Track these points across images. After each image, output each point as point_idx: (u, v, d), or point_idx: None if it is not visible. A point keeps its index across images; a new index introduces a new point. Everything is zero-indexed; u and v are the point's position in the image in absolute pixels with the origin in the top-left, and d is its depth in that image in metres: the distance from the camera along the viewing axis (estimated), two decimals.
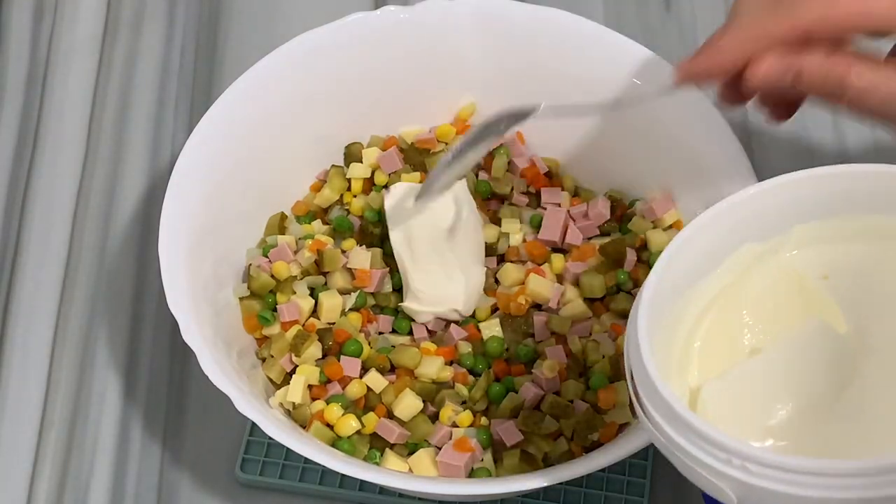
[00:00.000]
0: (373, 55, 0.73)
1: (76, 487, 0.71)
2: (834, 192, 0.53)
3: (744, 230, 0.53)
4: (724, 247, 0.53)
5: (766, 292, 0.54)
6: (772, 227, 0.54)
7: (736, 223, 0.53)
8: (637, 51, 0.71)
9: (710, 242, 0.53)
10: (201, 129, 0.69)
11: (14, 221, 0.81)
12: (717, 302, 0.54)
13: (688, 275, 0.53)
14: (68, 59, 0.87)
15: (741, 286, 0.54)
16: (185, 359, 0.75)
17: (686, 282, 0.53)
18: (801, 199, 0.53)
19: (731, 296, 0.54)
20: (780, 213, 0.53)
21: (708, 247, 0.53)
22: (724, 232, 0.53)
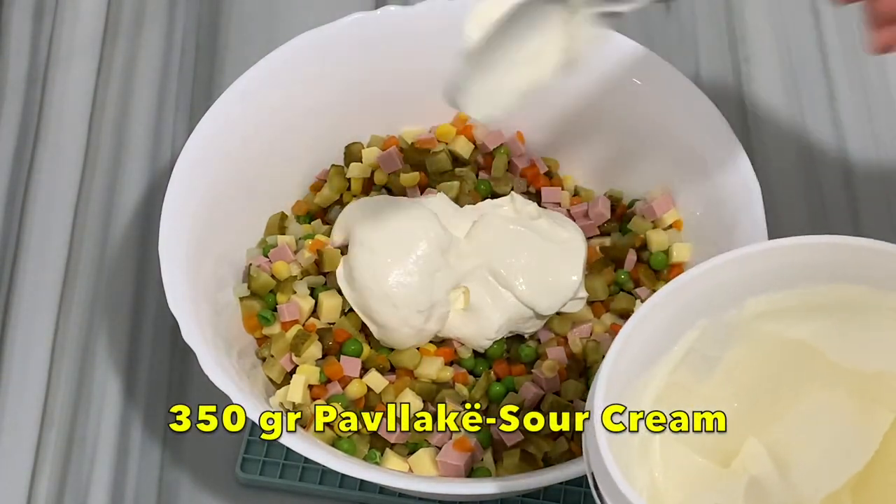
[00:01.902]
0: (373, 55, 0.73)
1: (76, 487, 0.71)
2: (784, 264, 0.52)
3: (698, 307, 0.53)
4: (680, 324, 0.53)
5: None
6: (725, 301, 0.53)
7: (690, 300, 0.52)
8: (637, 51, 0.71)
9: (664, 321, 0.52)
10: (201, 129, 0.69)
11: (14, 221, 0.81)
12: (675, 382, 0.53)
13: (644, 356, 0.52)
14: (68, 60, 0.87)
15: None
16: (185, 359, 0.75)
17: (643, 363, 0.52)
18: (754, 273, 0.53)
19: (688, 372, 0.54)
20: (734, 287, 0.53)
21: (663, 326, 0.52)
22: (679, 309, 0.52)
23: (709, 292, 0.52)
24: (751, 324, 0.54)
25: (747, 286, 0.53)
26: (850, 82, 0.85)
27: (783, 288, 0.53)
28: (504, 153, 0.74)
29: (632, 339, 0.50)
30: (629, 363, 0.50)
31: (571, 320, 0.69)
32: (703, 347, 0.53)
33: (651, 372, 0.52)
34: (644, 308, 0.51)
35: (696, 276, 0.51)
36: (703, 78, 0.85)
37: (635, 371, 0.51)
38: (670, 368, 0.53)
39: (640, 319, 0.50)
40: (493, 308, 0.68)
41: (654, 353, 0.52)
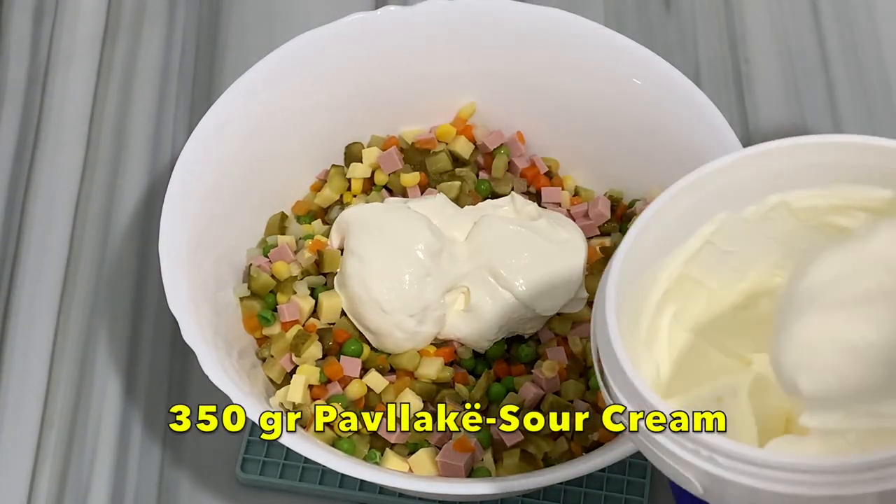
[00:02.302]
0: (373, 55, 0.73)
1: (76, 487, 0.71)
2: (811, 162, 0.52)
3: (719, 199, 0.52)
4: (698, 216, 0.52)
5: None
6: (747, 196, 0.52)
7: (711, 192, 0.52)
8: (637, 51, 0.71)
9: (683, 212, 0.51)
10: (201, 129, 0.69)
11: (14, 221, 0.81)
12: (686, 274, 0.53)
13: (659, 245, 0.51)
14: (68, 60, 0.87)
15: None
16: (185, 359, 0.75)
17: (657, 252, 0.52)
18: (778, 169, 0.52)
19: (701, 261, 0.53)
20: (756, 182, 0.52)
21: (681, 216, 0.51)
22: (698, 201, 0.52)
23: (729, 186, 0.52)
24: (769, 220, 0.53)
25: (769, 183, 0.52)
26: (850, 82, 0.85)
27: (806, 187, 0.52)
28: (504, 153, 0.74)
29: (649, 227, 0.50)
30: (643, 253, 0.50)
31: (571, 320, 0.69)
32: (718, 241, 0.53)
33: (665, 261, 0.52)
34: (663, 196, 0.50)
35: (718, 168, 0.51)
36: (703, 78, 0.85)
37: (651, 258, 0.51)
38: (684, 259, 0.52)
39: (659, 207, 0.50)
40: (494, 309, 0.68)
41: (669, 242, 0.52)
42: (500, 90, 0.75)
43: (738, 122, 0.83)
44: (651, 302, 0.52)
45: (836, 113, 0.84)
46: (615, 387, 0.48)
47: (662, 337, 0.52)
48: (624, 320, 0.48)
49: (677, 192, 0.51)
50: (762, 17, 0.88)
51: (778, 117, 0.84)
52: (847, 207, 0.52)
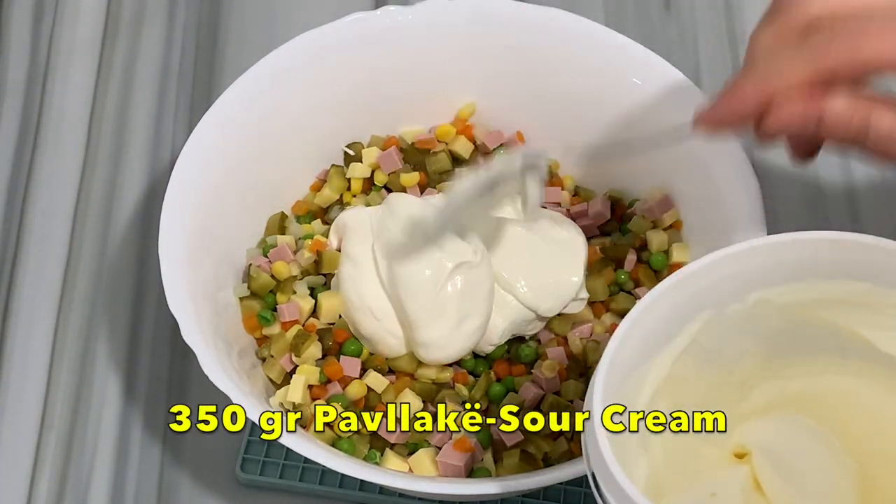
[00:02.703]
0: (373, 55, 0.73)
1: (76, 487, 0.71)
2: (788, 259, 0.52)
3: (702, 299, 0.52)
4: (681, 317, 0.53)
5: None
6: (729, 294, 0.53)
7: (693, 292, 0.52)
8: (637, 51, 0.71)
9: (666, 314, 0.52)
10: (201, 129, 0.69)
11: (14, 221, 0.81)
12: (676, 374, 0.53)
13: (645, 346, 0.52)
14: (68, 59, 0.87)
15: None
16: (185, 359, 0.75)
17: (644, 354, 0.52)
18: (757, 267, 0.52)
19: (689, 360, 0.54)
20: (737, 281, 0.53)
21: (664, 318, 0.52)
22: (680, 302, 0.52)
23: (711, 286, 0.52)
24: (753, 317, 0.53)
25: (749, 280, 0.53)
26: None
27: (785, 282, 0.53)
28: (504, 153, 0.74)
29: (631, 333, 0.50)
30: (629, 355, 0.50)
31: (571, 321, 0.69)
32: (704, 340, 0.53)
33: (651, 363, 0.52)
34: (645, 300, 0.51)
35: (697, 270, 0.51)
36: (703, 78, 0.85)
37: (634, 363, 0.51)
38: (671, 360, 0.53)
39: (641, 311, 0.50)
40: (496, 313, 0.68)
41: (654, 345, 0.52)
42: (500, 90, 0.75)
43: None
44: (641, 403, 0.52)
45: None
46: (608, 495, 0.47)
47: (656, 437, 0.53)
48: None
49: (660, 294, 0.51)
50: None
51: None
52: (827, 301, 0.53)
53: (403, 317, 0.66)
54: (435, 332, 0.66)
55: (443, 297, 0.66)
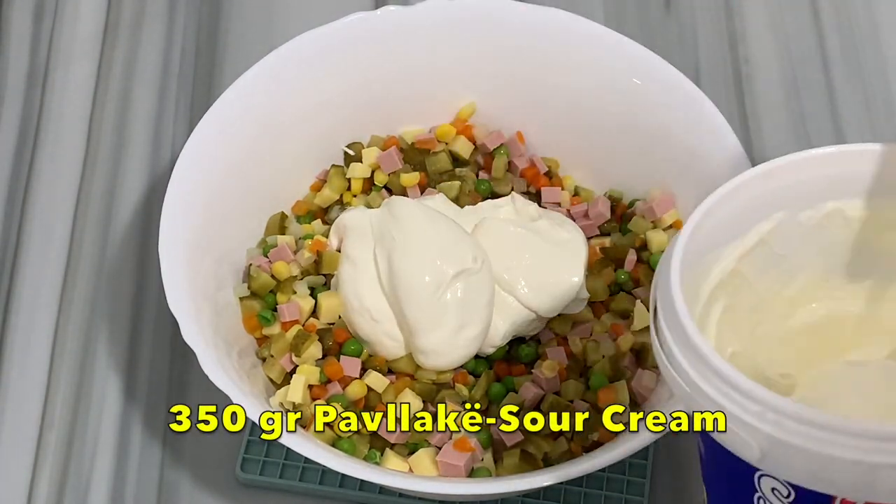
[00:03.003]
0: (373, 55, 0.73)
1: (76, 487, 0.71)
2: (871, 172, 0.51)
3: (780, 198, 0.52)
4: (756, 212, 0.52)
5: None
6: (806, 199, 0.52)
7: (775, 188, 0.51)
8: (637, 51, 0.71)
9: (745, 203, 0.51)
10: (201, 129, 0.69)
11: (14, 221, 0.81)
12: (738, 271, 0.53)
13: (717, 235, 0.51)
14: (68, 59, 0.87)
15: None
16: (185, 359, 0.75)
17: (715, 242, 0.51)
18: (838, 175, 0.52)
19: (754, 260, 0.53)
20: (816, 186, 0.52)
21: (743, 208, 0.51)
22: (762, 195, 0.51)
23: (790, 186, 0.51)
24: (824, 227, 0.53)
25: (828, 188, 0.52)
26: (850, 82, 0.85)
27: (863, 196, 0.52)
28: (504, 153, 0.74)
29: (713, 211, 0.50)
30: (704, 237, 0.50)
31: (572, 321, 0.69)
32: (773, 241, 0.53)
33: (720, 252, 0.52)
34: (725, 187, 0.50)
35: (782, 165, 0.51)
36: (703, 78, 0.85)
37: (708, 247, 0.51)
38: (738, 255, 0.52)
39: (723, 195, 0.50)
40: (497, 314, 0.68)
41: (727, 235, 0.52)
42: (500, 90, 0.75)
43: (738, 122, 0.83)
44: (704, 292, 0.52)
45: (836, 113, 0.84)
46: (676, 348, 0.47)
47: (710, 334, 0.52)
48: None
49: (741, 183, 0.50)
50: (762, 17, 0.88)
51: (778, 117, 0.84)
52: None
53: (403, 321, 0.66)
54: (434, 339, 0.66)
55: (443, 303, 0.66)
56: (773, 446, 0.45)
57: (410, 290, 0.65)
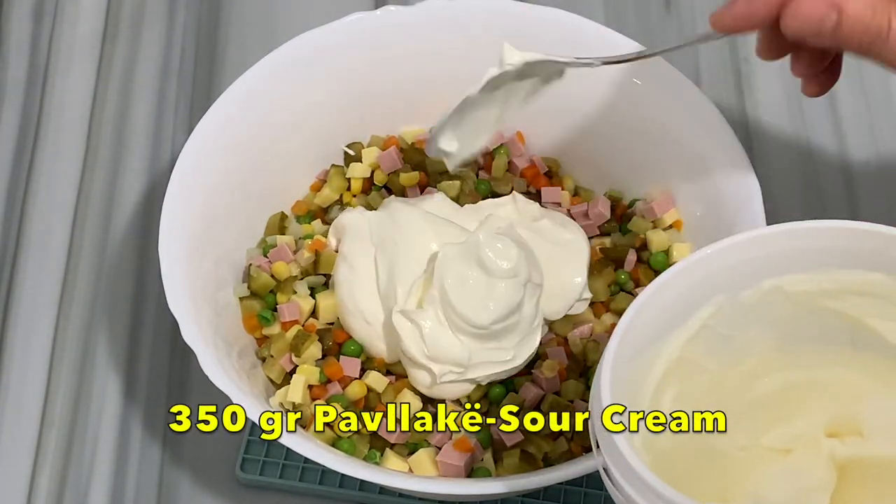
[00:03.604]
0: (373, 55, 0.73)
1: (76, 487, 0.71)
2: (802, 247, 0.52)
3: (715, 283, 0.52)
4: (695, 299, 0.53)
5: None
6: (743, 280, 0.53)
7: (707, 276, 0.52)
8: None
9: (680, 294, 0.52)
10: (201, 130, 0.69)
11: (14, 221, 0.81)
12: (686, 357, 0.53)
13: (657, 327, 0.52)
14: (68, 60, 0.87)
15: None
16: (185, 359, 0.75)
17: (655, 334, 0.52)
18: (771, 254, 0.52)
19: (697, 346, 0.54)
20: (751, 267, 0.53)
21: (678, 299, 0.52)
22: (695, 283, 0.52)
23: (726, 270, 0.52)
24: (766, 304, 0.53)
25: (764, 267, 0.52)
26: (850, 82, 0.85)
27: (799, 271, 0.53)
28: (504, 153, 0.74)
29: (644, 311, 0.50)
30: (640, 334, 0.50)
31: (572, 321, 0.69)
32: (717, 325, 0.53)
33: (662, 344, 0.52)
34: (660, 279, 0.51)
35: (712, 253, 0.51)
36: (703, 78, 0.85)
37: (646, 342, 0.51)
38: (682, 343, 0.53)
39: (655, 290, 0.50)
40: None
41: (666, 326, 0.52)
42: None
43: (738, 122, 0.83)
44: (650, 384, 0.52)
45: (836, 113, 0.84)
46: (618, 476, 0.47)
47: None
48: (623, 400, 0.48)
49: (674, 275, 0.51)
50: None
51: (778, 117, 0.84)
52: (840, 291, 0.53)
53: (400, 350, 0.66)
54: (425, 381, 0.66)
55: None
56: None
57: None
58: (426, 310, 0.65)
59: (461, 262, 0.64)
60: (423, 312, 0.65)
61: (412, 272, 0.66)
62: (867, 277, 0.52)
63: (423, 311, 0.65)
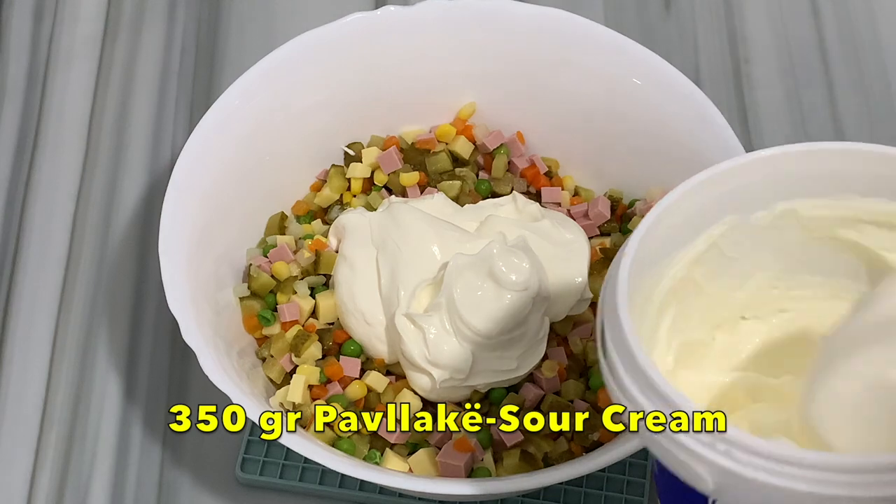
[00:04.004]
0: (373, 55, 0.73)
1: (76, 487, 0.71)
2: (821, 170, 0.51)
3: (729, 201, 0.51)
4: (706, 217, 0.51)
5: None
6: (757, 201, 0.51)
7: (722, 193, 0.51)
8: (637, 51, 0.71)
9: (692, 210, 0.50)
10: (201, 129, 0.69)
11: (14, 221, 0.81)
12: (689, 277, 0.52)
13: (665, 244, 0.50)
14: (68, 59, 0.87)
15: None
16: (185, 359, 0.75)
17: (665, 250, 0.51)
18: (788, 175, 0.51)
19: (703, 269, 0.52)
20: (766, 187, 0.51)
21: (690, 215, 0.50)
22: (710, 201, 0.50)
23: (740, 188, 0.51)
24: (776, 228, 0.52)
25: (779, 188, 0.51)
26: (850, 82, 0.85)
27: (816, 196, 0.51)
28: (504, 153, 0.74)
29: (660, 221, 0.49)
30: (652, 248, 0.49)
31: (572, 321, 0.69)
32: (724, 245, 0.52)
33: (670, 260, 0.51)
34: (675, 192, 0.49)
35: (730, 169, 0.50)
36: (703, 78, 0.85)
37: (656, 257, 0.50)
38: (689, 261, 0.52)
39: (670, 203, 0.49)
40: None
41: (676, 242, 0.51)
42: (500, 90, 0.75)
43: (738, 122, 0.83)
44: (655, 301, 0.51)
45: (836, 113, 0.84)
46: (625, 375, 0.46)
47: (661, 343, 0.52)
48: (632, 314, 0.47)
49: (689, 189, 0.50)
50: (762, 17, 0.88)
51: (778, 117, 0.84)
52: (855, 220, 0.52)
53: (400, 352, 0.67)
54: (425, 384, 0.66)
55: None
56: (725, 478, 0.43)
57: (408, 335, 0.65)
58: (431, 315, 0.65)
59: (472, 271, 0.65)
60: (428, 317, 0.65)
61: (415, 275, 0.66)
62: (886, 207, 0.51)
63: (428, 316, 0.65)
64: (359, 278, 0.67)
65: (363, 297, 0.67)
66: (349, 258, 0.68)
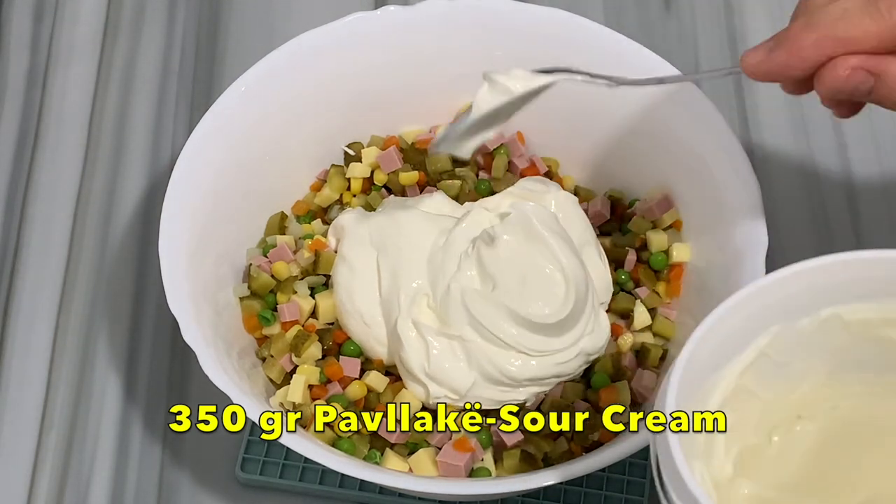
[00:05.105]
0: (373, 55, 0.73)
1: (76, 487, 0.71)
2: (863, 276, 0.52)
3: (773, 313, 0.52)
4: (752, 329, 0.52)
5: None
6: (800, 309, 0.53)
7: (765, 305, 0.52)
8: (637, 51, 0.71)
9: (737, 325, 0.51)
10: (201, 129, 0.69)
11: (14, 221, 0.81)
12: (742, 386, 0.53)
13: (715, 358, 0.51)
14: (68, 60, 0.87)
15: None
16: (185, 359, 0.75)
17: (713, 365, 0.52)
18: (830, 283, 0.52)
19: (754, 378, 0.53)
20: (809, 296, 0.52)
21: (735, 329, 0.51)
22: (752, 314, 0.51)
23: (783, 299, 0.52)
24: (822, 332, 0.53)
25: (822, 296, 0.52)
26: None
27: (858, 300, 0.52)
28: (504, 153, 0.74)
29: (704, 342, 0.50)
30: (700, 365, 0.50)
31: None
32: (773, 352, 0.53)
33: (720, 374, 0.52)
34: (719, 311, 0.50)
35: (772, 282, 0.51)
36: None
37: (704, 373, 0.51)
38: (739, 372, 0.52)
39: (714, 322, 0.50)
40: None
41: (724, 356, 0.52)
42: None
43: (738, 122, 0.83)
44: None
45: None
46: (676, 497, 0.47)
47: (719, 452, 0.52)
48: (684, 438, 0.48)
49: (733, 306, 0.50)
50: (762, 17, 0.88)
51: (778, 117, 0.84)
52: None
53: (398, 358, 0.67)
54: (420, 394, 0.66)
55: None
56: None
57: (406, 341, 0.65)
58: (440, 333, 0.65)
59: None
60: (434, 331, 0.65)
61: (415, 277, 0.66)
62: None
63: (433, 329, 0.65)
64: (357, 279, 0.67)
65: (362, 297, 0.67)
66: (348, 259, 0.68)
